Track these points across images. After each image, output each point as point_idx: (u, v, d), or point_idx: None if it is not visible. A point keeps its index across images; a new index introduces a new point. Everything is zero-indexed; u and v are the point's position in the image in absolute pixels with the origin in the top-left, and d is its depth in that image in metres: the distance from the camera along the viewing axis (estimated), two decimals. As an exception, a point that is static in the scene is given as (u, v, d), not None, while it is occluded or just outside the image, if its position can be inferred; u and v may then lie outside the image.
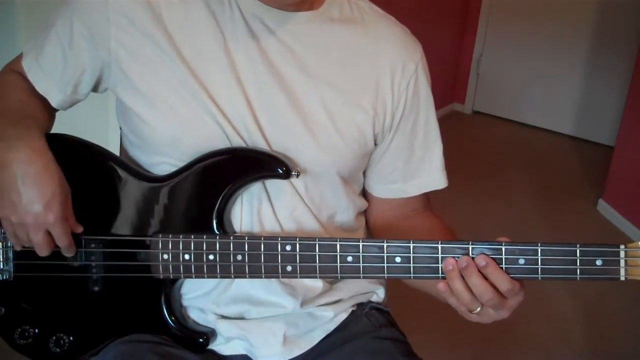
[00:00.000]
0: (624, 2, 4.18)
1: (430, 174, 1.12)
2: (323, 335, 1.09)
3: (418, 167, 1.11)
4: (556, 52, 4.51)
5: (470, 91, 4.99)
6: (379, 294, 1.18)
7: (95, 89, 1.05)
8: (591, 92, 4.48)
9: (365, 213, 1.18)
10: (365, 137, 1.03)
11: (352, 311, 1.13)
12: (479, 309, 0.90)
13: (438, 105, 1.11)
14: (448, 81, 4.89)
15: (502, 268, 0.89)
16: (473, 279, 0.88)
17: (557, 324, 2.56)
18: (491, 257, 0.89)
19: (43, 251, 0.95)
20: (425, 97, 1.08)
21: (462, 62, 4.94)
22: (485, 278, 0.88)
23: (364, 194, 1.16)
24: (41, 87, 1.03)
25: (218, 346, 1.06)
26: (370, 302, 1.17)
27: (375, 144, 1.07)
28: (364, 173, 1.13)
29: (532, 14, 4.53)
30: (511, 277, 0.88)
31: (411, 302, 1.07)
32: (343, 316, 1.11)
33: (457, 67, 4.95)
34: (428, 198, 1.16)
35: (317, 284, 1.06)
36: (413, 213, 1.15)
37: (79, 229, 0.98)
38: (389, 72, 1.03)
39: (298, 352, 1.07)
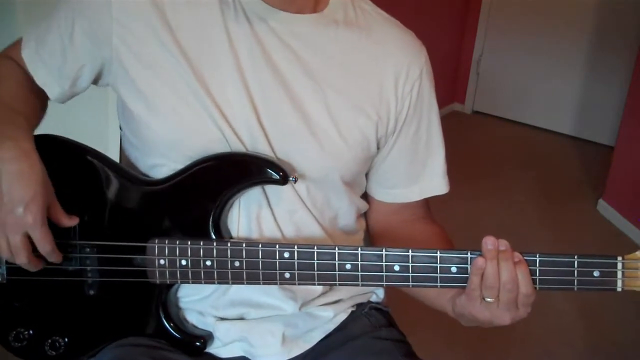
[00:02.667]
0: (624, 2, 4.18)
1: (432, 180, 1.11)
2: (322, 336, 1.09)
3: (420, 172, 1.11)
4: (556, 52, 4.51)
5: (470, 91, 4.99)
6: (378, 294, 1.18)
7: (95, 82, 1.03)
8: (591, 92, 4.47)
9: (365, 215, 1.18)
10: (368, 142, 1.03)
11: (352, 311, 1.13)
12: (490, 299, 0.89)
13: (438, 106, 1.10)
14: (448, 81, 4.88)
15: None
16: (508, 264, 0.87)
17: (556, 323, 2.57)
18: None
19: (20, 255, 0.91)
20: (429, 102, 1.08)
21: (462, 62, 4.94)
22: None
23: (365, 195, 1.16)
24: (40, 79, 1.02)
25: (216, 349, 1.06)
26: (369, 302, 1.17)
27: (378, 148, 1.07)
28: (366, 176, 1.12)
29: (532, 14, 4.53)
30: None
31: (411, 301, 1.07)
32: (343, 316, 1.11)
33: (457, 67, 4.95)
34: (428, 204, 1.16)
35: (316, 287, 1.06)
36: (413, 218, 1.14)
37: (71, 222, 0.95)
38: (393, 76, 1.03)
39: (297, 352, 1.07)
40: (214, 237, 0.96)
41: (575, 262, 0.88)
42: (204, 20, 0.95)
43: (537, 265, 0.88)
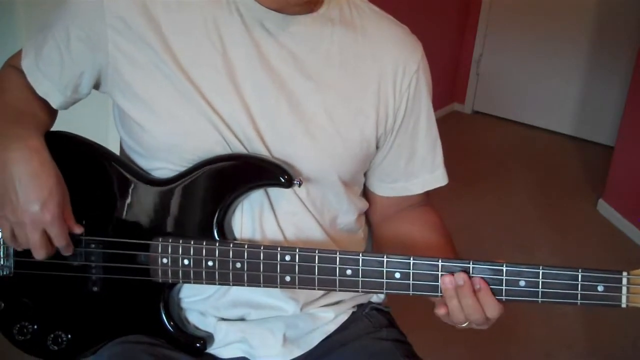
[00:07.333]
0: (624, 2, 4.17)
1: (432, 172, 1.12)
2: (323, 337, 1.09)
3: (420, 166, 1.11)
4: (556, 52, 4.50)
5: (470, 91, 4.98)
6: (379, 295, 1.18)
7: (96, 87, 1.04)
8: (591, 92, 4.47)
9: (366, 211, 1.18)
10: (368, 141, 1.03)
11: (353, 312, 1.13)
12: (465, 325, 0.93)
13: (438, 105, 1.11)
14: (448, 81, 4.87)
15: (501, 289, 0.90)
16: (467, 300, 0.90)
17: (556, 323, 2.57)
18: (490, 278, 0.89)
19: (40, 252, 0.94)
20: (426, 97, 1.08)
21: (462, 62, 4.93)
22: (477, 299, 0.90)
23: (364, 191, 1.16)
24: (41, 90, 1.03)
25: (216, 349, 1.06)
26: (370, 302, 1.17)
27: (377, 147, 1.07)
28: (365, 173, 1.13)
29: (532, 14, 4.52)
30: (510, 300, 0.90)
31: (411, 301, 1.08)
32: (343, 317, 1.12)
33: (457, 67, 4.94)
34: (427, 192, 1.17)
35: None
36: (410, 207, 1.15)
37: (78, 230, 0.97)
38: (391, 73, 1.03)
39: (298, 353, 1.07)
40: (217, 238, 0.97)
41: (579, 276, 0.87)
42: (196, 24, 0.96)
43: (540, 277, 0.88)
